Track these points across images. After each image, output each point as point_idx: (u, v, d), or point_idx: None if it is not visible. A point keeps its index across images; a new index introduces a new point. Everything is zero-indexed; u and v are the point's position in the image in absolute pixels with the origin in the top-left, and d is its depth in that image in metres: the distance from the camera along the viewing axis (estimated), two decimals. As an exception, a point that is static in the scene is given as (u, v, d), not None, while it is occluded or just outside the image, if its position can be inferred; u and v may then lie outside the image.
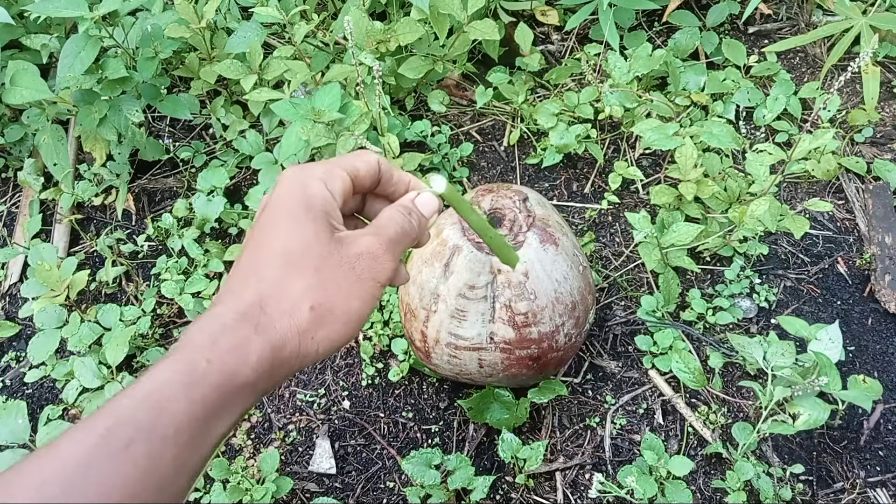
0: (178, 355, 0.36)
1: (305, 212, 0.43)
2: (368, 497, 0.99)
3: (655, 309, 1.08)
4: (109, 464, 0.32)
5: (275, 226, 0.43)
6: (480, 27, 1.17)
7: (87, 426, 0.33)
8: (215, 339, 0.37)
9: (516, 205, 0.85)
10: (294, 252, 0.42)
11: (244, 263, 0.43)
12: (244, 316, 0.39)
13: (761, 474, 0.91)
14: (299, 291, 0.41)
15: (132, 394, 0.35)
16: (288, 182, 0.44)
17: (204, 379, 0.36)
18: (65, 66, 1.10)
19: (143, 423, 0.33)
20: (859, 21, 1.26)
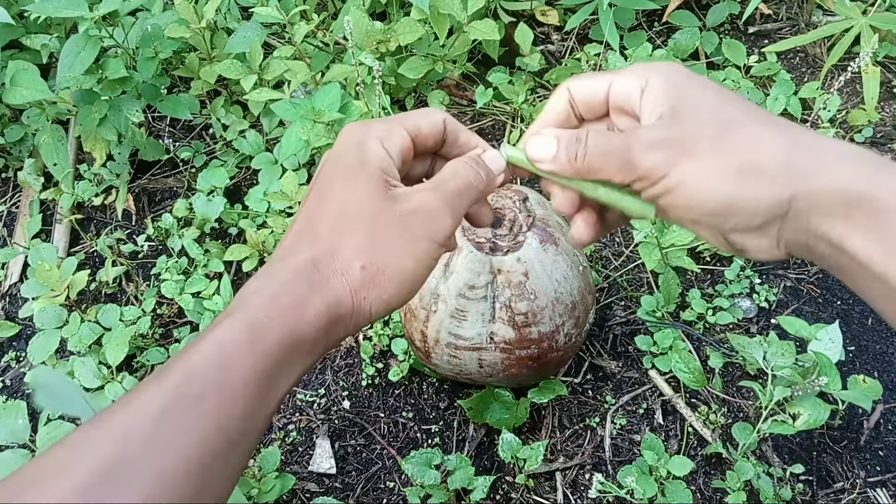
0: (237, 314, 0.37)
1: (360, 169, 0.41)
2: (368, 497, 0.99)
3: (655, 309, 1.08)
4: (184, 418, 0.33)
5: (329, 184, 0.42)
6: (480, 27, 1.17)
7: (157, 383, 0.34)
8: (274, 295, 0.37)
9: (516, 205, 0.85)
10: (347, 210, 0.41)
11: (300, 222, 0.42)
12: (299, 273, 0.39)
13: (761, 474, 0.91)
14: (351, 250, 0.40)
15: (198, 350, 0.35)
16: (345, 140, 0.43)
17: (266, 335, 0.36)
18: (65, 66, 1.10)
19: (213, 379, 0.34)
20: (859, 21, 1.26)
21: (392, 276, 0.40)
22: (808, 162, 0.36)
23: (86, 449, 0.32)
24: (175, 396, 0.33)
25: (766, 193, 0.36)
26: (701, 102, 0.39)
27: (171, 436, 0.32)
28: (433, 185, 0.43)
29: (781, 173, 0.36)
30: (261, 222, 1.21)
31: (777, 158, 0.36)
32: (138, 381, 1.07)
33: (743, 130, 0.37)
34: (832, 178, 0.35)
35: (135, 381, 1.07)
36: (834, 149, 0.36)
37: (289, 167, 1.23)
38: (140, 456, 0.31)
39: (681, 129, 0.38)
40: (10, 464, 0.97)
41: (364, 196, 0.41)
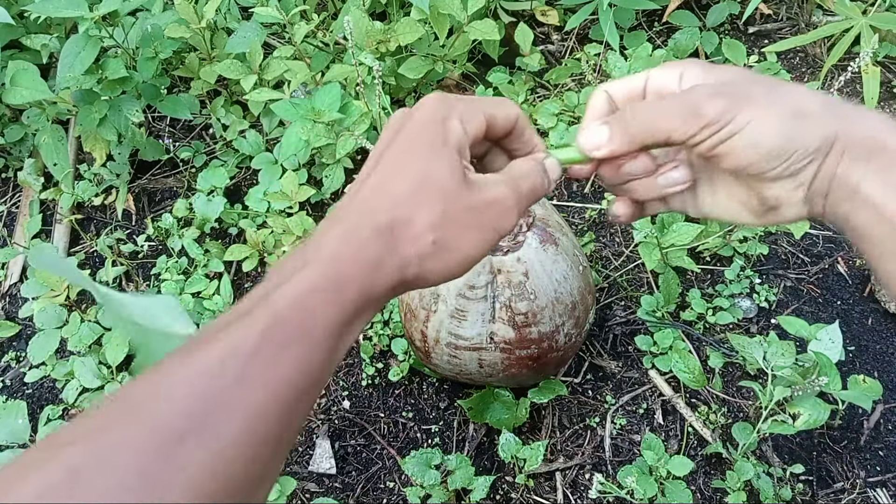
0: (320, 264, 0.38)
1: (443, 146, 0.42)
2: (368, 497, 0.99)
3: (655, 309, 1.08)
4: (273, 359, 0.34)
5: (411, 151, 0.43)
6: (480, 27, 1.17)
7: (247, 324, 0.35)
8: (357, 250, 0.39)
9: (516, 205, 0.85)
10: (428, 183, 0.42)
11: (378, 179, 0.43)
12: (380, 234, 0.40)
13: (761, 474, 0.91)
14: (426, 223, 0.41)
15: (283, 296, 0.36)
16: (428, 112, 0.44)
17: (347, 288, 0.38)
18: (65, 66, 1.10)
19: (298, 325, 0.36)
20: (859, 21, 1.26)
21: (456, 256, 0.42)
22: (844, 110, 0.41)
23: (186, 378, 0.33)
24: (263, 339, 0.34)
25: (818, 130, 0.40)
26: (741, 75, 0.44)
27: (262, 374, 0.34)
28: (506, 180, 0.45)
29: (827, 115, 0.41)
30: (261, 222, 1.21)
31: (821, 105, 0.41)
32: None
33: (787, 87, 0.42)
34: (863, 125, 0.40)
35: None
36: (862, 106, 0.42)
37: (289, 167, 1.23)
38: (237, 390, 0.33)
39: (735, 85, 0.43)
40: (10, 464, 0.97)
41: (446, 173, 0.42)
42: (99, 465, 0.30)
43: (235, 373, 0.33)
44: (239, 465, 0.32)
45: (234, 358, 0.34)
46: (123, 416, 0.32)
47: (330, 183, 1.19)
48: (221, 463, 0.32)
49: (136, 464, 0.30)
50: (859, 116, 0.41)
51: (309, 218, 1.14)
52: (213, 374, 0.33)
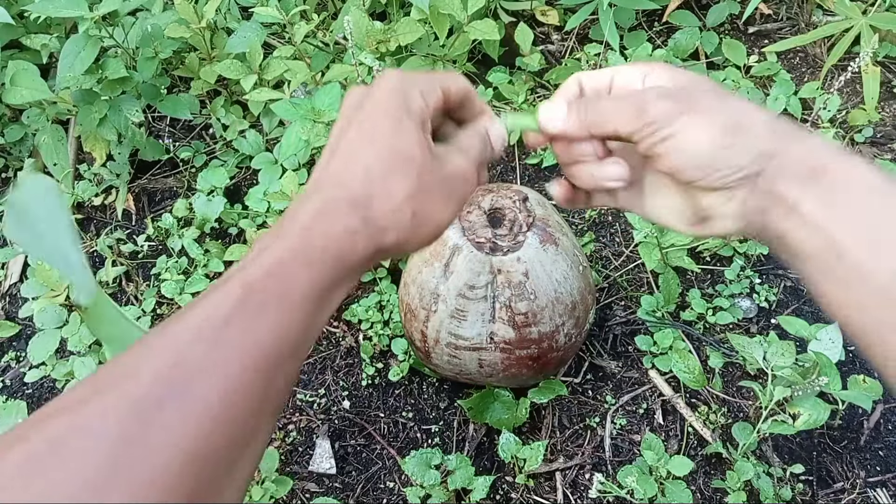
0: (293, 236, 0.39)
1: (407, 118, 0.44)
2: (368, 497, 0.99)
3: (655, 309, 1.08)
4: (248, 323, 0.35)
5: (378, 122, 0.44)
6: (480, 27, 1.17)
7: (222, 291, 0.36)
8: (330, 222, 0.40)
9: (516, 205, 0.85)
10: (400, 153, 0.43)
11: (346, 151, 0.44)
12: (354, 204, 0.41)
13: (761, 474, 0.91)
14: (403, 195, 0.42)
15: (258, 265, 0.37)
16: (390, 85, 0.45)
17: (322, 256, 0.39)
18: (65, 66, 1.10)
19: (274, 290, 0.36)
20: (859, 21, 1.26)
21: (431, 226, 0.44)
22: (787, 130, 0.42)
23: (165, 345, 0.34)
24: (238, 305, 0.35)
25: (754, 147, 0.42)
26: (699, 82, 0.45)
27: (238, 338, 0.35)
28: (459, 150, 0.47)
29: (765, 133, 0.42)
30: (261, 222, 1.21)
31: (762, 122, 0.42)
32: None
33: (735, 102, 0.43)
34: (804, 147, 0.41)
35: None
36: (805, 129, 0.42)
37: (289, 167, 1.23)
38: (212, 352, 0.34)
39: (685, 91, 0.45)
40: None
41: (414, 144, 0.43)
42: (79, 435, 0.30)
43: (211, 337, 0.34)
44: (220, 428, 0.33)
45: (209, 323, 0.34)
46: (104, 387, 0.32)
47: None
48: (202, 425, 0.32)
49: (117, 431, 0.30)
50: (802, 138, 0.41)
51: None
52: (189, 340, 0.34)
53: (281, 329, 0.36)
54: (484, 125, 0.50)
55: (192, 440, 0.32)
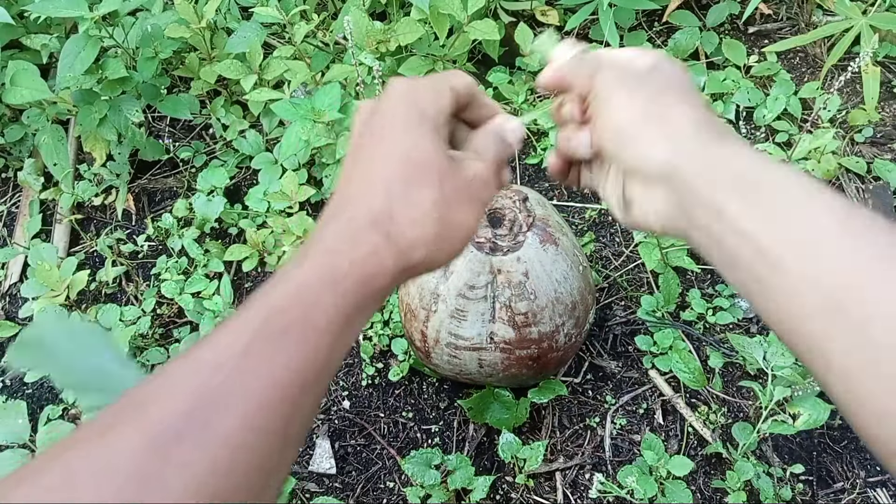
0: (316, 258, 0.38)
1: (420, 124, 0.43)
2: (368, 497, 0.99)
3: (655, 309, 1.08)
4: (271, 349, 0.34)
5: (392, 133, 0.43)
6: (480, 27, 1.17)
7: (242, 320, 0.35)
8: (353, 244, 0.39)
9: (516, 205, 0.85)
10: (418, 162, 0.42)
11: (363, 169, 0.43)
12: (376, 223, 0.39)
13: (761, 474, 0.91)
14: (427, 203, 0.41)
15: (280, 290, 0.36)
16: (399, 93, 0.44)
17: (347, 279, 0.37)
18: (65, 66, 1.10)
19: (297, 315, 0.35)
20: (859, 21, 1.26)
21: (457, 231, 0.43)
22: (715, 134, 0.41)
23: (186, 376, 0.33)
24: (261, 330, 0.34)
25: (666, 141, 0.42)
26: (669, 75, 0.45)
27: (259, 366, 0.33)
28: (477, 154, 0.47)
29: (688, 133, 0.42)
30: (261, 222, 1.21)
31: (691, 122, 0.42)
32: (138, 381, 1.07)
33: (683, 99, 0.44)
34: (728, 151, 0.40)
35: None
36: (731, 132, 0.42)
37: (289, 167, 1.23)
38: (234, 382, 0.33)
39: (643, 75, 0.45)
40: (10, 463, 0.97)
41: (432, 151, 0.42)
42: (95, 468, 0.29)
43: (232, 366, 0.33)
44: (240, 460, 0.32)
45: (231, 352, 0.33)
46: (121, 419, 0.31)
47: (330, 183, 1.19)
48: (222, 460, 0.31)
49: (134, 465, 0.29)
50: (729, 144, 0.41)
51: (309, 218, 1.14)
52: (210, 370, 0.33)
53: (304, 357, 0.35)
54: (497, 123, 0.49)
55: (210, 476, 0.31)
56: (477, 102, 0.49)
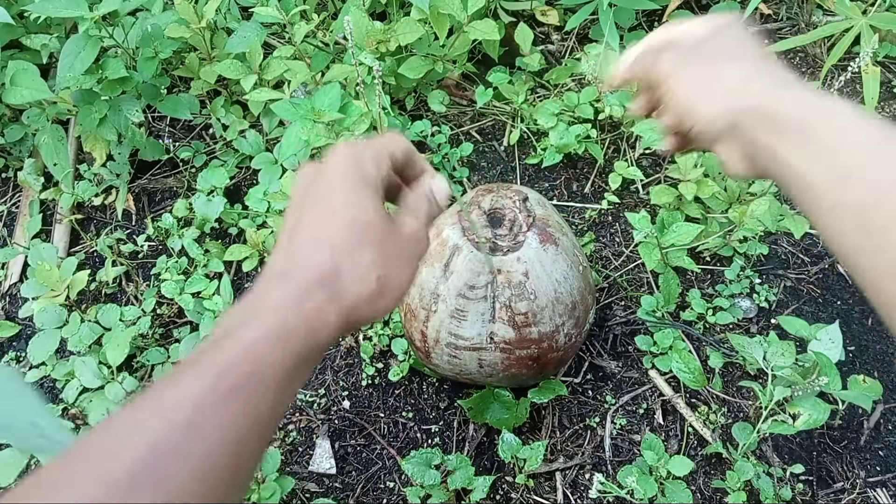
0: (266, 318, 0.40)
1: (364, 187, 0.46)
2: (368, 497, 0.99)
3: (655, 309, 1.08)
4: (221, 405, 0.36)
5: (337, 196, 0.46)
6: (480, 27, 1.17)
7: (195, 374, 0.37)
8: (300, 302, 0.41)
9: (516, 205, 0.85)
10: (361, 224, 0.45)
11: (309, 228, 0.45)
12: (322, 281, 0.42)
13: (761, 474, 0.91)
14: (368, 262, 0.44)
15: (231, 347, 0.38)
16: (343, 157, 0.47)
17: (293, 336, 0.40)
18: (65, 66, 1.10)
19: (247, 371, 0.38)
20: (859, 21, 1.26)
21: (394, 289, 0.46)
22: (755, 89, 0.46)
23: (139, 428, 0.35)
24: (212, 386, 0.36)
25: (721, 100, 0.47)
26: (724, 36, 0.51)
27: (210, 419, 0.36)
28: (412, 213, 0.50)
29: (739, 88, 0.47)
30: (261, 222, 1.21)
31: (739, 79, 0.47)
32: (138, 381, 1.07)
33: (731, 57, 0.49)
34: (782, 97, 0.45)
35: (135, 382, 1.07)
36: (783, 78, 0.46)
37: (289, 167, 1.23)
38: (186, 436, 0.35)
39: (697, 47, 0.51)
40: (10, 463, 0.97)
41: (373, 214, 0.45)
42: None
43: (185, 418, 0.35)
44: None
45: (185, 402, 0.35)
46: (76, 468, 0.33)
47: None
48: None
49: None
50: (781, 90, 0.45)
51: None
52: (163, 420, 0.34)
53: (252, 408, 0.37)
54: (427, 184, 0.53)
55: None
56: (412, 163, 0.53)
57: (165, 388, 0.36)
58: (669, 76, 0.51)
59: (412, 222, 0.49)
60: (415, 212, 0.50)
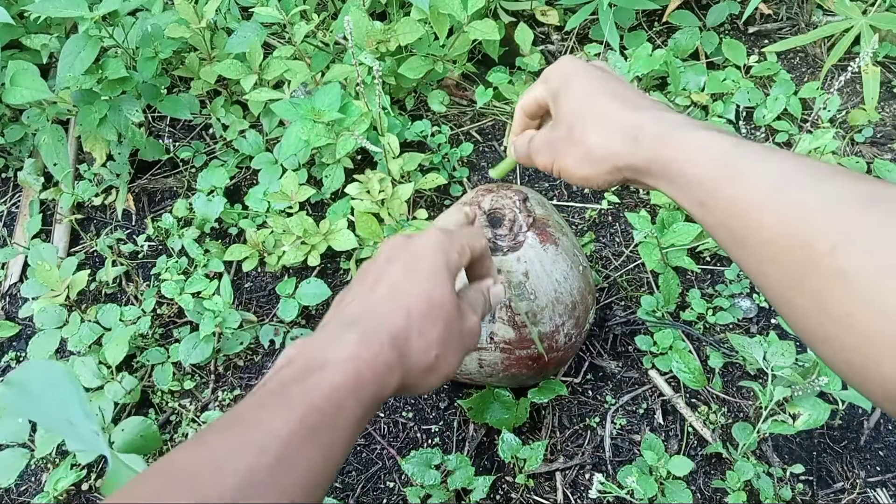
0: (347, 365, 0.44)
1: (445, 270, 0.51)
2: (368, 497, 0.99)
3: (655, 309, 1.08)
4: (304, 445, 0.39)
5: (421, 269, 0.51)
6: (480, 27, 1.17)
7: (287, 406, 0.40)
8: (374, 354, 0.45)
9: (516, 205, 0.85)
10: (437, 302, 0.49)
11: (390, 288, 0.50)
12: (394, 342, 0.46)
13: (761, 474, 0.91)
14: (433, 337, 0.48)
15: (316, 389, 0.42)
16: (435, 238, 0.53)
17: (366, 388, 0.44)
18: (65, 66, 1.10)
19: (327, 416, 0.41)
20: (859, 21, 1.26)
21: (444, 369, 0.50)
22: (626, 147, 0.51)
23: (234, 455, 0.37)
24: (299, 425, 0.39)
25: (604, 169, 0.52)
26: (567, 106, 0.57)
27: (296, 456, 0.39)
28: (472, 307, 0.55)
29: (609, 158, 0.52)
30: (261, 222, 1.21)
31: (605, 146, 0.52)
32: (138, 380, 1.07)
33: (589, 127, 0.54)
34: (647, 157, 0.49)
35: (134, 381, 1.07)
36: (653, 130, 0.50)
37: (289, 167, 1.23)
38: (276, 470, 0.38)
39: (552, 133, 0.58)
40: (10, 463, 0.97)
41: (448, 297, 0.50)
42: None
43: (276, 453, 0.38)
44: None
45: (277, 439, 0.38)
46: (177, 488, 0.35)
47: (330, 183, 1.19)
48: None
49: None
50: (642, 148, 0.50)
51: (309, 218, 1.14)
52: (257, 452, 0.37)
53: (328, 451, 0.41)
54: (487, 285, 0.59)
55: None
56: (481, 262, 0.59)
57: (255, 415, 0.40)
58: (553, 166, 0.58)
59: (472, 316, 0.54)
60: (474, 307, 0.55)
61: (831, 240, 0.36)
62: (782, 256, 0.39)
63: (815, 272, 0.37)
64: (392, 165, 1.15)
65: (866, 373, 0.35)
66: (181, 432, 1.05)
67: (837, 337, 0.36)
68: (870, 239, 0.35)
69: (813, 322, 0.38)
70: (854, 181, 0.38)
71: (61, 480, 0.96)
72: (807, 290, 0.37)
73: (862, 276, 0.34)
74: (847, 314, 0.35)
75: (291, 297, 1.10)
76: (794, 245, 0.38)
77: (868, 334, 0.34)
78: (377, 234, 1.07)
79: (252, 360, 1.12)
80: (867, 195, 0.37)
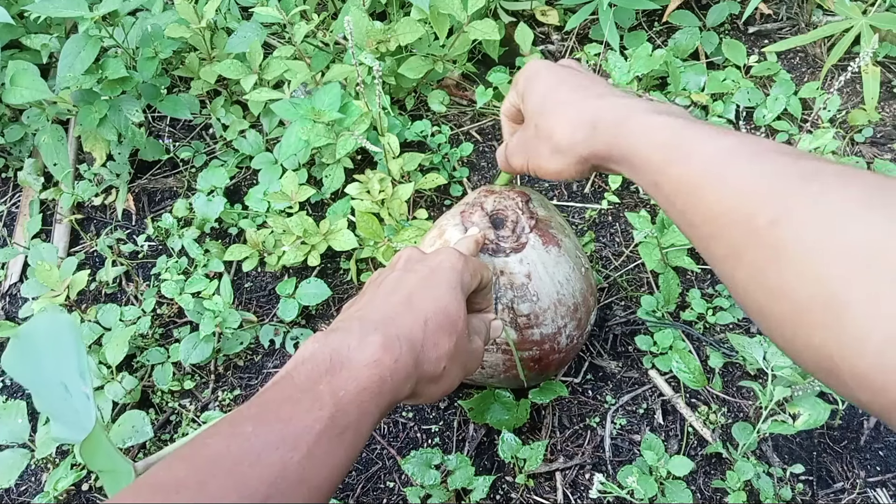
0: (366, 367, 0.45)
1: (460, 288, 0.54)
2: (368, 497, 0.99)
3: (655, 309, 1.08)
4: (331, 444, 0.42)
5: (438, 285, 0.53)
6: (480, 27, 1.17)
7: (318, 407, 0.42)
8: (394, 360, 0.47)
9: (519, 206, 0.85)
10: (452, 316, 0.51)
11: (407, 296, 0.52)
12: (412, 349, 0.48)
13: (761, 474, 0.91)
14: (444, 350, 0.50)
15: (344, 390, 0.44)
16: (453, 257, 0.56)
17: (385, 390, 0.46)
18: (65, 66, 1.10)
19: (353, 417, 0.43)
20: (859, 21, 1.26)
21: (447, 382, 0.52)
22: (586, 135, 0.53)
23: (270, 448, 0.39)
24: (329, 424, 0.42)
25: (572, 160, 0.55)
26: (532, 104, 0.59)
27: (325, 453, 0.41)
28: (476, 332, 0.58)
29: (574, 148, 0.54)
30: (261, 222, 1.21)
31: (568, 137, 0.54)
32: (138, 380, 1.07)
33: (552, 121, 0.56)
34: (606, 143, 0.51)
35: (134, 381, 1.07)
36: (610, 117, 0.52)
37: (289, 167, 1.23)
38: (307, 464, 0.40)
39: (523, 133, 0.62)
40: (10, 463, 0.97)
41: (461, 313, 0.53)
42: None
43: (307, 449, 0.40)
44: None
45: (308, 435, 0.40)
46: (216, 474, 0.37)
47: (330, 183, 1.19)
48: None
49: None
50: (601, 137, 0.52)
51: (309, 218, 1.14)
52: (290, 446, 0.39)
53: (352, 451, 0.43)
54: (490, 318, 0.63)
55: None
56: (483, 294, 0.63)
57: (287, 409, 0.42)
58: (527, 165, 0.61)
59: (477, 340, 0.56)
60: (479, 333, 0.58)
61: (771, 213, 0.36)
62: (725, 231, 0.39)
63: (755, 245, 0.37)
64: (392, 165, 1.15)
65: (797, 343, 0.35)
66: (181, 432, 1.05)
67: (772, 309, 0.36)
68: (807, 210, 0.35)
69: (752, 295, 0.38)
70: (798, 157, 0.39)
71: (61, 480, 0.96)
72: (747, 264, 0.38)
73: (797, 247, 0.35)
74: (781, 285, 0.35)
75: (291, 297, 1.10)
76: (736, 220, 0.38)
77: (800, 304, 0.34)
78: (377, 234, 1.07)
79: (252, 360, 1.12)
80: (810, 170, 0.37)
